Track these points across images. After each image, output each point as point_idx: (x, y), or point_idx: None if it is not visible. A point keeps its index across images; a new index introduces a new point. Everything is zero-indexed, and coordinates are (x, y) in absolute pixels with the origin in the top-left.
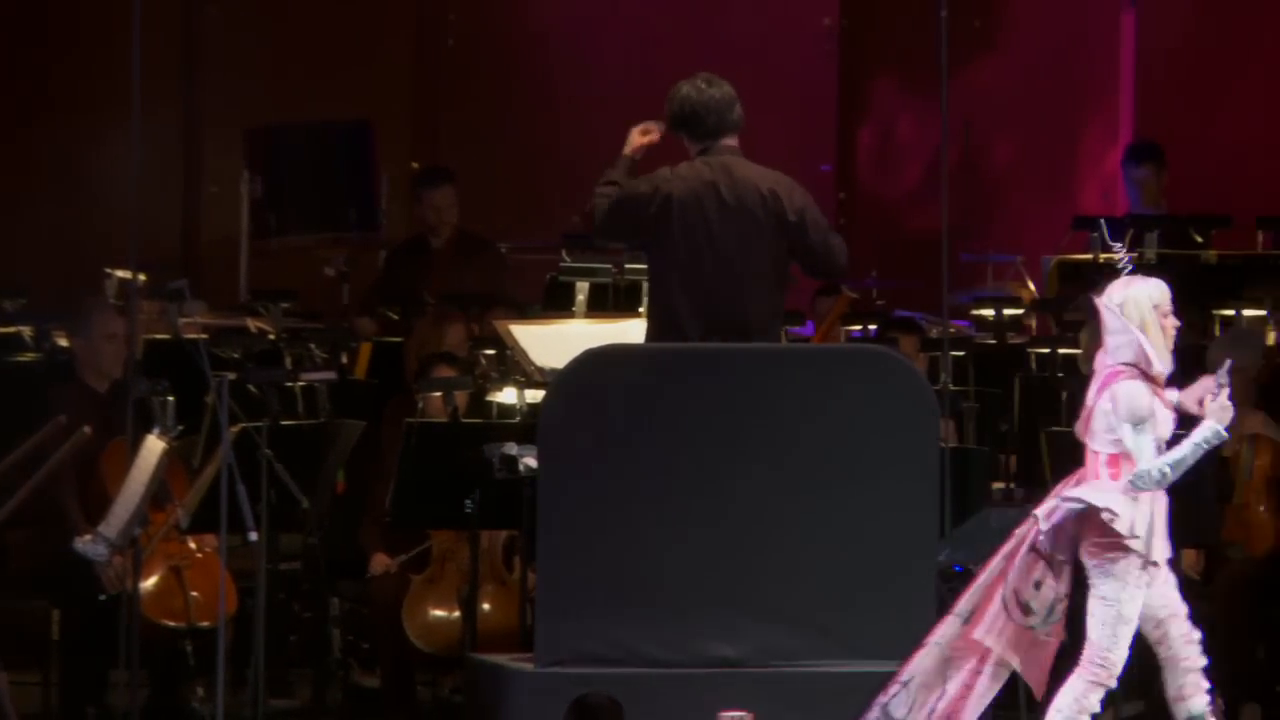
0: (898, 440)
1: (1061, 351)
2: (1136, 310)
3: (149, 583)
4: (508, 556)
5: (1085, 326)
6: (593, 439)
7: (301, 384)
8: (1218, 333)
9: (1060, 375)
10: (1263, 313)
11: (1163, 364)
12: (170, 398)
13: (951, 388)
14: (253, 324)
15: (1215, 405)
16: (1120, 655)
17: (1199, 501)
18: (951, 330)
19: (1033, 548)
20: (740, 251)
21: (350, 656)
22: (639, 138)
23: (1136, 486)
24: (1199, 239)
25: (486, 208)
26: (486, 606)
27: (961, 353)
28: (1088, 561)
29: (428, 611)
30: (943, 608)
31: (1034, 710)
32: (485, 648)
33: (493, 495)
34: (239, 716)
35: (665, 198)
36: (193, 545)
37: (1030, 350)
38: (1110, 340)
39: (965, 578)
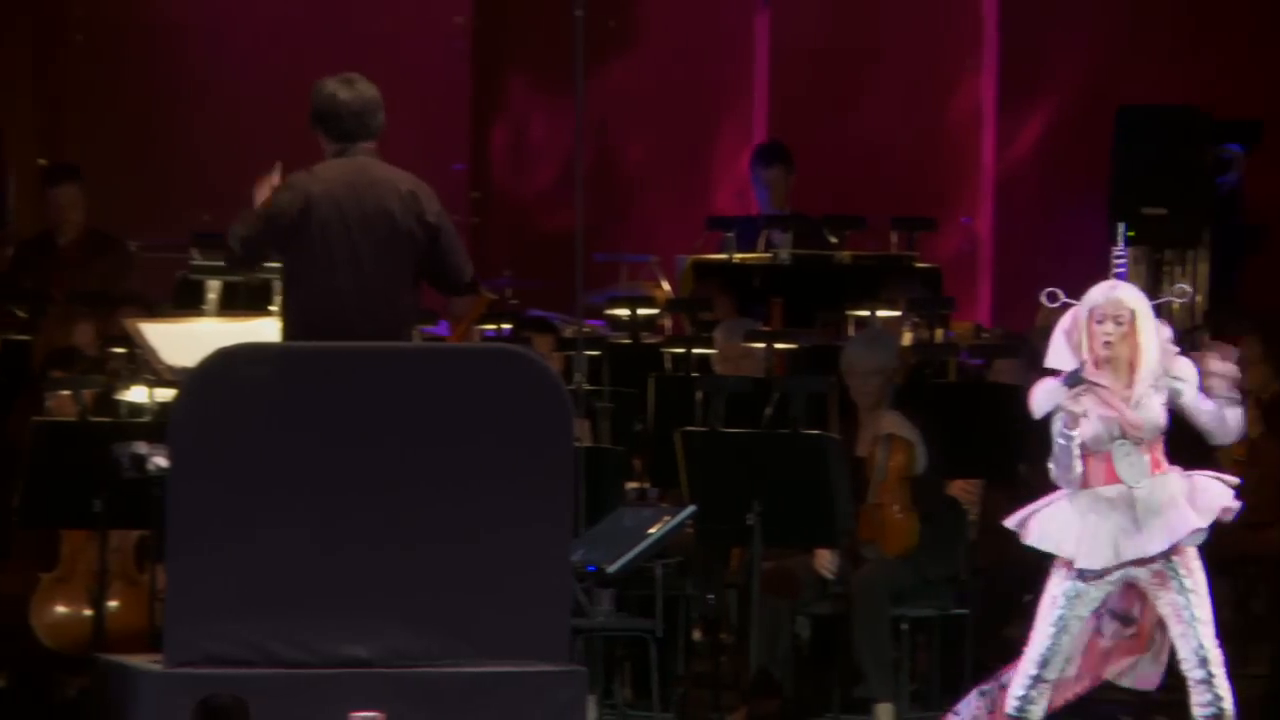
0: (532, 440)
1: (696, 351)
2: (1079, 308)
3: None
4: (139, 556)
5: (719, 326)
6: (224, 438)
7: None
8: (852, 333)
9: (695, 375)
10: (897, 313)
11: (1064, 365)
12: None
13: (586, 387)
14: None
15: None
16: (1036, 653)
17: (833, 501)
18: (586, 330)
19: None
20: (377, 250)
21: None
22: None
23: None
24: (834, 240)
25: (116, 205)
26: (116, 605)
27: (596, 352)
28: None
29: (56, 610)
30: (578, 608)
31: None
32: (115, 648)
33: (122, 495)
34: None
35: (305, 197)
36: None
37: (665, 350)
38: None
39: (599, 577)
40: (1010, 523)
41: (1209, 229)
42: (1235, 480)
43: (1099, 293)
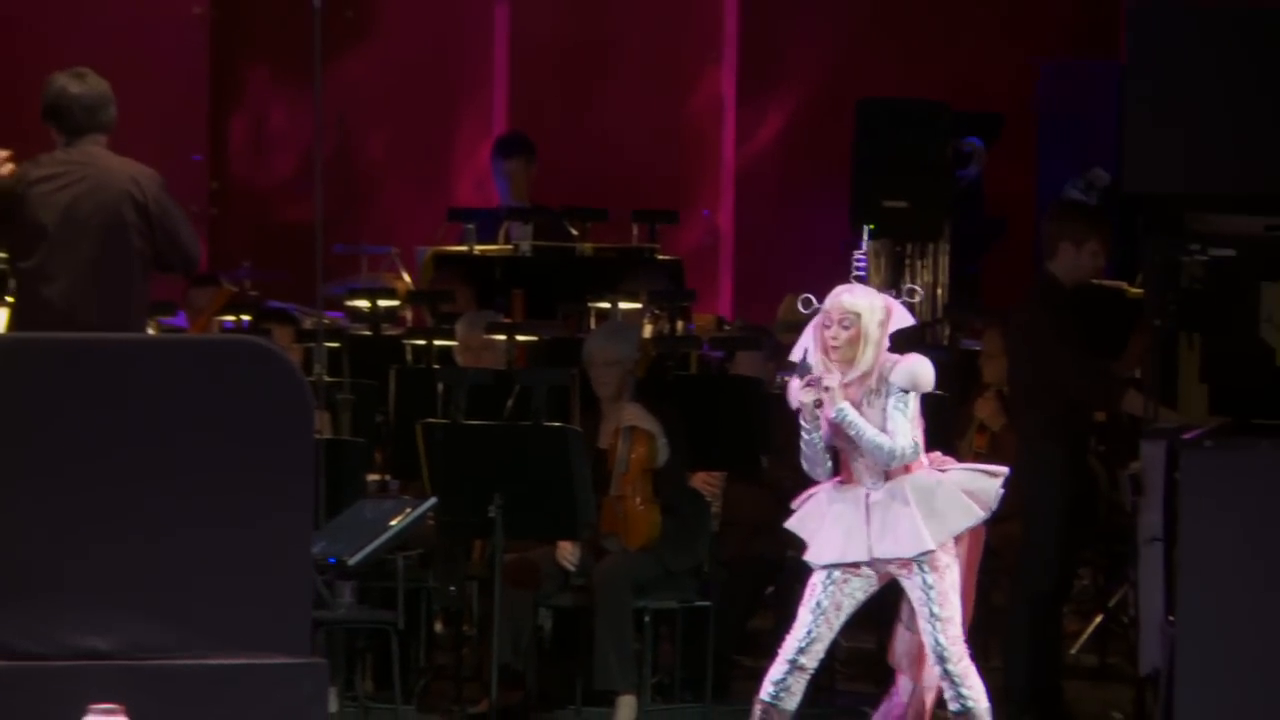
0: (272, 432)
1: (437, 343)
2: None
3: None
4: None
5: (460, 318)
6: None
7: None
8: (593, 325)
9: (436, 367)
10: (638, 305)
11: (817, 368)
12: None
13: (326, 379)
14: None
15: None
16: (795, 640)
17: (575, 493)
18: (326, 321)
19: None
20: (97, 239)
21: None
22: None
23: None
24: (575, 232)
25: None
26: None
27: (336, 344)
28: None
29: None
30: (318, 601)
31: None
32: None
33: None
34: None
35: (27, 186)
36: None
37: (406, 342)
38: None
39: (340, 569)
40: (795, 502)
41: (949, 222)
42: (1004, 470)
43: (832, 297)
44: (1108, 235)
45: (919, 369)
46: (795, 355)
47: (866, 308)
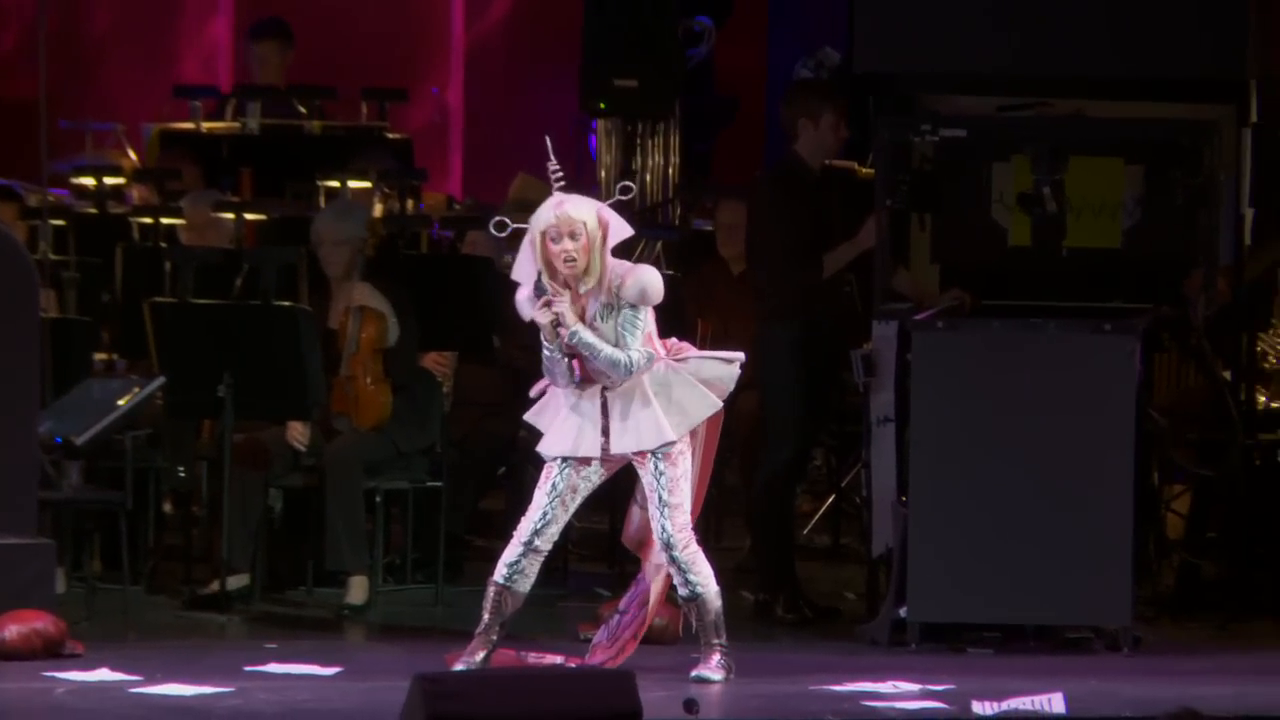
0: None
1: (165, 222)
2: (532, 229)
3: None
4: None
5: (187, 196)
6: None
7: None
8: (323, 204)
9: (164, 245)
10: (368, 184)
11: (525, 278)
12: None
13: (52, 257)
14: None
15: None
16: (530, 523)
17: (305, 373)
18: (51, 199)
19: None
20: None
21: None
22: None
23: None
24: (303, 110)
25: None
26: None
27: (62, 222)
28: None
29: None
30: (46, 480)
31: None
32: None
33: None
34: None
35: None
36: None
37: (133, 220)
38: None
39: (67, 449)
40: (533, 392)
41: (680, 101)
42: (740, 356)
43: (548, 211)
44: (843, 108)
45: (649, 282)
46: (518, 275)
47: (590, 215)
